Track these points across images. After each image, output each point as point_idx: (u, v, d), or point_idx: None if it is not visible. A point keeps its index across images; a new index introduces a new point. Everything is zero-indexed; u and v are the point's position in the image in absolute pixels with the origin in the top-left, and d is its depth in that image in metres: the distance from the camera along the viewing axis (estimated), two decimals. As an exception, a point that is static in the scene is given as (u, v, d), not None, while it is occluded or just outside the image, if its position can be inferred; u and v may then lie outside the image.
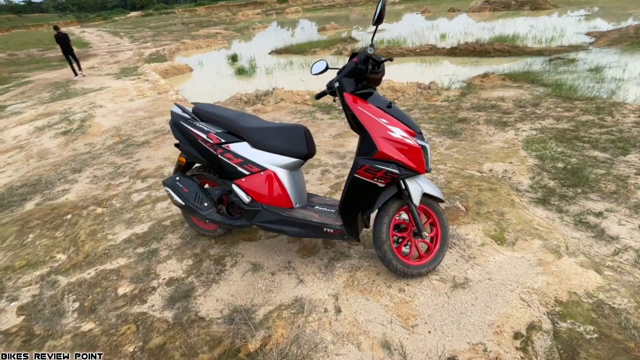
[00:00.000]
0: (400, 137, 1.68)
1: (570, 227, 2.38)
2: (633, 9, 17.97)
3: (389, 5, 38.62)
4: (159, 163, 3.71)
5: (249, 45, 19.46)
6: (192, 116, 2.11)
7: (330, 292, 1.88)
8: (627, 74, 7.12)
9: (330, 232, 1.88)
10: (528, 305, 1.71)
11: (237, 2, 62.60)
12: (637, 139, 3.61)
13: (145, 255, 2.29)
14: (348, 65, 1.78)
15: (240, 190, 1.97)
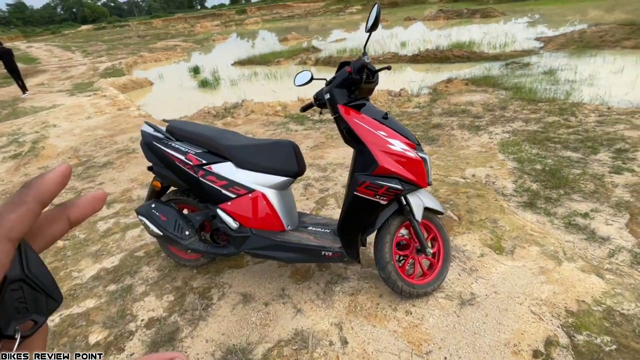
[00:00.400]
0: (400, 150, 1.57)
1: (562, 230, 2.38)
2: (571, 16, 19.30)
3: (347, 15, 39.40)
4: (125, 186, 3.41)
5: (210, 56, 19.07)
6: (166, 135, 1.90)
7: (333, 321, 1.73)
8: (578, 76, 7.53)
9: (329, 255, 1.73)
10: (540, 319, 1.64)
11: (195, 14, 61.67)
12: (603, 138, 3.75)
13: (118, 293, 2.03)
14: (339, 75, 1.66)
15: (227, 216, 1.78)
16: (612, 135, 3.82)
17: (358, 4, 43.26)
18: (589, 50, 10.07)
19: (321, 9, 45.39)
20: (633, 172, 3.01)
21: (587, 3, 23.44)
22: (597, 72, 7.76)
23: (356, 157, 1.67)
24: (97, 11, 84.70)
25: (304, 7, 50.28)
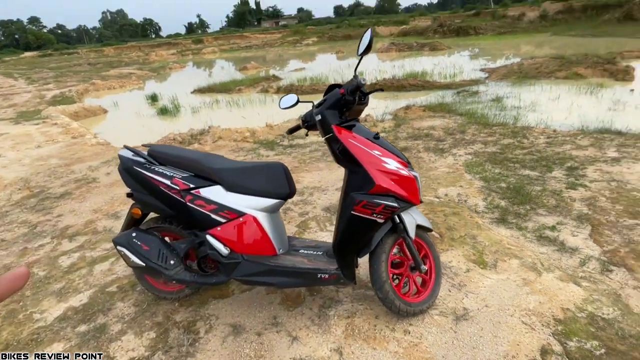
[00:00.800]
0: (395, 169, 1.61)
1: (535, 243, 2.51)
2: (506, 50, 21.15)
3: (304, 47, 40.66)
4: (88, 217, 3.17)
5: (167, 84, 18.68)
6: (148, 160, 1.81)
7: (332, 347, 1.67)
8: (522, 103, 8.21)
9: (325, 277, 1.70)
10: (532, 329, 1.70)
11: (149, 42, 60.77)
12: (554, 157, 4.08)
13: (90, 334, 1.84)
14: (331, 96, 1.69)
15: (217, 241, 1.70)
16: (562, 154, 4.17)
17: (314, 36, 44.89)
18: (527, 80, 11.07)
19: (278, 40, 46.49)
20: (586, 187, 3.28)
21: (519, 40, 25.91)
22: (538, 99, 8.51)
23: (349, 177, 1.68)
24: (42, 38, 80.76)
25: (261, 38, 51.23)
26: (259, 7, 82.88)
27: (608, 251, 2.33)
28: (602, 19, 26.48)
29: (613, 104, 7.62)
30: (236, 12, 78.97)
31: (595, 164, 3.83)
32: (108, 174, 4.24)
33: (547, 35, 25.93)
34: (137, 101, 13.31)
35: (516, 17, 31.45)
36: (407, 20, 42.80)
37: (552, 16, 29.67)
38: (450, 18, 37.36)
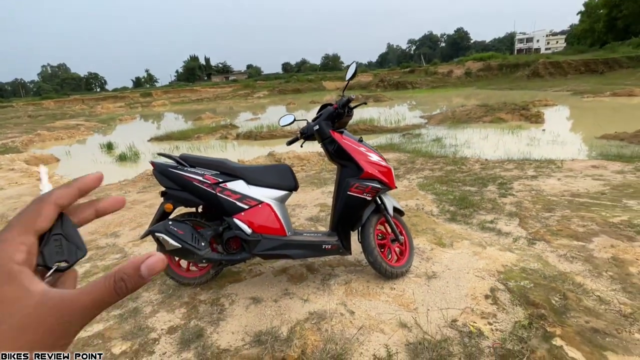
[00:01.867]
0: (377, 160, 2.20)
1: (479, 231, 3.17)
2: (440, 102, 23.80)
3: (255, 99, 42.20)
4: (87, 238, 3.35)
5: (120, 134, 18.46)
6: (181, 163, 2.24)
7: (337, 302, 2.11)
8: (458, 141, 9.49)
9: (329, 247, 2.18)
10: (482, 279, 2.27)
11: (94, 96, 59.22)
12: (488, 177, 4.96)
13: (126, 315, 2.11)
14: (325, 111, 2.28)
15: (242, 223, 2.13)
16: (494, 175, 5.07)
17: (265, 90, 46.82)
18: (460, 124, 12.69)
19: (230, 93, 47.82)
20: (513, 195, 4.10)
21: (449, 92, 29.27)
22: (471, 138, 9.87)
23: (342, 170, 2.24)
24: (-30, 91, 75.84)
25: (212, 92, 52.33)
26: (209, 63, 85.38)
27: (531, 232, 3.05)
28: (514, 76, 30.92)
29: (530, 140, 9.09)
30: (186, 67, 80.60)
31: (519, 180, 4.74)
32: (91, 205, 4.40)
33: (472, 89, 29.55)
34: (90, 150, 13.12)
35: (445, 74, 35.62)
36: (351, 76, 46.39)
37: (475, 73, 34.06)
38: (389, 74, 41.26)
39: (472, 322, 1.88)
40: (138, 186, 5.20)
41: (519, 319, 1.87)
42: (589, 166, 5.29)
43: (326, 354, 1.69)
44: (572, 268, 2.43)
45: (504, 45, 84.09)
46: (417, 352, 1.69)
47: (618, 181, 4.45)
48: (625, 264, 2.43)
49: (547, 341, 1.69)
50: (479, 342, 1.73)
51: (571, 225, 3.08)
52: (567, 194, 4.08)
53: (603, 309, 1.96)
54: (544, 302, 1.98)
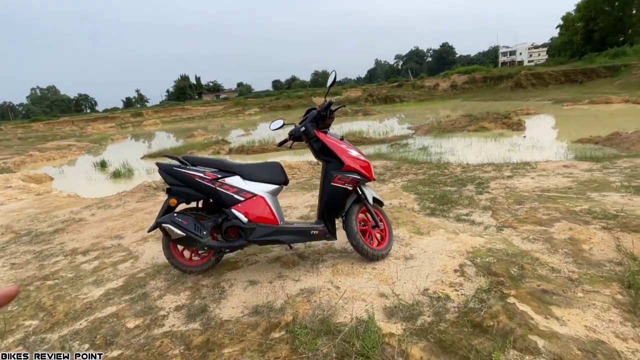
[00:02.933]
0: (356, 155, 2.52)
1: (454, 222, 3.48)
2: (427, 114, 24.45)
3: (247, 116, 42.69)
4: (92, 241, 3.59)
5: (113, 153, 18.63)
6: (183, 162, 2.52)
7: (325, 280, 2.39)
8: (443, 149, 9.91)
9: (316, 233, 2.47)
10: (453, 257, 2.57)
11: (84, 117, 59.29)
12: (467, 178, 5.30)
13: (136, 298, 2.36)
14: (311, 114, 2.61)
15: (239, 213, 2.41)
16: (472, 177, 5.42)
17: (255, 107, 47.39)
18: (446, 133, 13.17)
19: (221, 111, 48.27)
20: (488, 193, 4.44)
21: (436, 105, 30.03)
22: (455, 146, 10.30)
23: (326, 165, 2.55)
24: (-42, 115, 75.34)
25: (203, 110, 52.71)
26: (200, 82, 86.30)
27: (501, 221, 3.37)
28: (498, 87, 31.91)
29: (511, 146, 9.54)
30: (176, 87, 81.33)
31: (495, 180, 5.10)
32: (93, 214, 4.64)
33: (458, 101, 30.40)
34: (84, 168, 13.32)
35: (432, 87, 36.60)
36: (340, 91, 47.35)
37: (460, 86, 35.05)
38: (377, 89, 42.25)
39: (441, 290, 2.17)
40: (136, 196, 5.45)
41: (480, 286, 2.16)
42: (561, 166, 5.68)
43: (315, 317, 1.96)
44: (532, 247, 2.75)
45: (488, 59, 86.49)
46: (392, 313, 1.97)
47: (585, 178, 4.83)
48: (579, 242, 2.75)
49: (502, 300, 1.99)
50: (445, 304, 2.02)
51: (537, 214, 3.41)
52: (538, 189, 4.43)
53: (554, 276, 2.27)
54: (504, 272, 2.28)
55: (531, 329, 1.75)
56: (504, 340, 1.69)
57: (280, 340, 1.81)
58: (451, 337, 1.74)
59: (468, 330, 1.79)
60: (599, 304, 1.96)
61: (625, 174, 4.85)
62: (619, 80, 25.32)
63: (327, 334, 1.83)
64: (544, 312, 1.89)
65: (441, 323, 1.85)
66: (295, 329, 1.87)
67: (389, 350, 1.68)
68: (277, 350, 1.74)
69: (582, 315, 1.88)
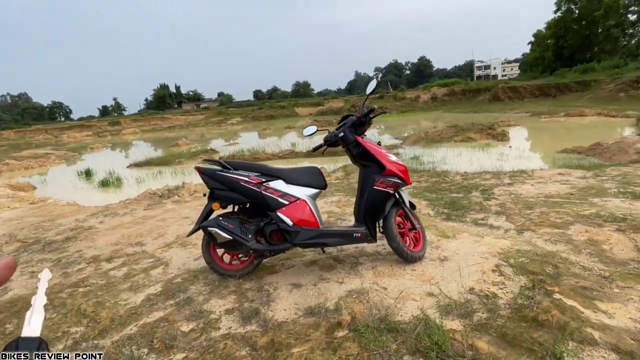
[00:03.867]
0: (396, 160, 2.61)
1: (474, 226, 3.61)
2: (409, 125, 25.02)
3: (229, 126, 42.36)
4: (111, 248, 3.51)
5: (95, 162, 18.07)
6: (225, 166, 2.54)
7: (369, 282, 2.44)
8: (435, 159, 10.18)
9: (358, 236, 2.52)
10: (487, 258, 2.67)
11: (58, 125, 57.32)
12: (471, 186, 5.49)
13: (181, 303, 2.34)
14: (349, 120, 2.68)
15: (284, 217, 2.44)
16: (475, 184, 5.62)
17: (238, 117, 47.13)
18: (434, 143, 13.52)
19: (202, 120, 47.73)
20: (496, 199, 4.61)
21: (418, 116, 30.79)
22: (446, 156, 10.60)
23: (364, 170, 2.62)
24: None
25: (184, 119, 51.95)
26: (179, 91, 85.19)
27: (518, 225, 3.51)
28: (477, 100, 33.03)
29: (500, 155, 9.90)
30: (156, 95, 79.96)
31: (498, 187, 5.30)
32: (101, 222, 4.53)
33: (439, 112, 31.22)
34: (68, 177, 12.93)
35: (413, 99, 37.50)
36: (322, 102, 47.83)
37: (441, 98, 36.08)
38: (359, 100, 42.84)
39: (487, 288, 2.26)
40: (143, 204, 5.35)
41: (523, 284, 2.27)
42: (556, 174, 5.96)
43: (374, 317, 2.00)
44: (557, 248, 2.89)
45: (464, 72, 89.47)
46: (448, 310, 2.04)
47: (582, 185, 5.09)
48: (599, 243, 2.92)
49: (549, 296, 2.09)
50: (496, 301, 2.10)
51: (550, 218, 3.58)
52: (542, 195, 4.64)
53: (587, 274, 2.40)
54: (541, 271, 2.39)
55: (584, 321, 1.86)
56: (562, 332, 1.78)
57: (347, 339, 1.85)
58: (512, 331, 1.83)
59: (525, 324, 1.88)
60: (636, 298, 2.09)
61: (618, 181, 5.14)
62: (589, 94, 26.72)
63: (391, 332, 1.88)
64: (590, 307, 2.00)
65: (497, 319, 1.93)
66: (358, 327, 1.91)
67: (457, 345, 1.75)
68: (346, 349, 1.77)
69: (625, 308, 2.00)
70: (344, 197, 5.12)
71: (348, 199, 4.99)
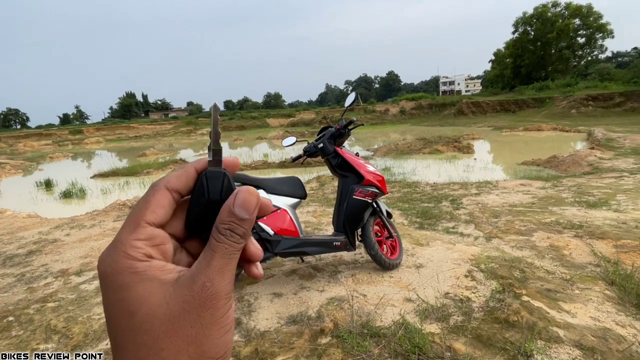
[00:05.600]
0: (373, 170, 2.70)
1: (446, 234, 3.76)
2: (380, 137, 25.64)
3: (199, 136, 41.63)
4: (80, 261, 3.36)
5: (55, 173, 17.17)
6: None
7: (349, 289, 2.49)
8: (405, 170, 10.48)
9: (338, 244, 2.58)
10: (459, 265, 2.80)
11: (12, 133, 54.06)
12: (440, 196, 5.71)
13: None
14: (327, 132, 2.76)
15: (265, 226, 2.46)
16: (444, 194, 5.84)
17: (208, 127, 46.19)
18: (404, 155, 13.90)
19: (171, 130, 46.63)
20: (464, 208, 4.83)
21: (387, 129, 31.53)
22: (415, 167, 10.92)
23: (343, 180, 2.70)
24: None
25: (151, 129, 50.52)
26: (147, 100, 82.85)
27: (487, 232, 3.70)
28: (443, 114, 34.34)
29: (465, 167, 10.32)
30: (121, 104, 77.31)
31: (466, 197, 5.54)
32: (67, 234, 4.32)
33: (407, 125, 32.19)
34: (26, 188, 12.17)
35: (382, 112, 38.44)
36: (294, 113, 48.10)
37: (409, 111, 37.23)
38: (330, 112, 43.48)
39: (461, 293, 2.37)
40: (111, 215, 5.15)
41: (494, 288, 2.40)
42: (518, 184, 6.31)
43: (355, 323, 2.05)
44: (523, 254, 3.07)
45: (430, 87, 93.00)
46: (426, 315, 2.12)
47: (542, 195, 5.42)
48: (560, 248, 3.13)
49: (518, 298, 2.23)
50: (470, 305, 2.21)
51: (515, 226, 3.80)
52: (506, 205, 4.90)
53: (551, 277, 2.57)
54: (509, 275, 2.54)
55: (550, 321, 1.99)
56: (531, 332, 1.91)
57: (330, 345, 1.88)
58: (486, 332, 1.93)
59: (498, 325, 1.99)
60: (594, 299, 2.27)
61: (574, 191, 5.52)
62: (544, 110, 28.48)
63: (373, 337, 1.93)
64: (555, 307, 2.15)
65: (472, 321, 2.04)
66: (341, 333, 1.95)
67: (436, 347, 1.83)
68: (330, 355, 1.81)
69: (585, 308, 2.17)
70: (320, 207, 5.17)
71: (324, 209, 5.05)
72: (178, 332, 0.26)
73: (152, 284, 0.26)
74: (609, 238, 3.17)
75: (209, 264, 0.27)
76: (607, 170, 7.58)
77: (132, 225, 0.28)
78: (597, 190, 5.37)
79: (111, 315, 0.26)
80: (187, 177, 0.31)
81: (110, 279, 0.26)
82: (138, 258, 0.27)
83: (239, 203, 0.29)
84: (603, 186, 5.74)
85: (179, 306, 0.26)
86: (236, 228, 0.28)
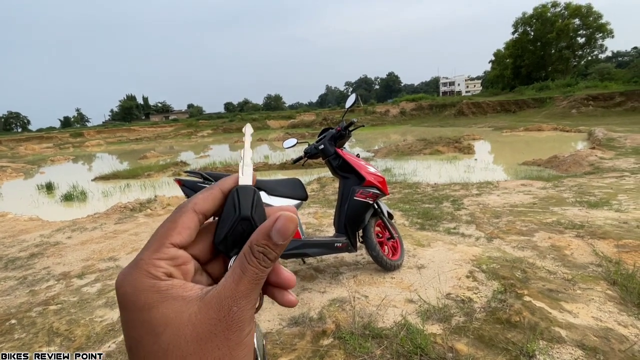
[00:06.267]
0: (374, 171, 2.70)
1: (447, 235, 3.76)
2: (379, 139, 25.65)
3: (199, 138, 41.66)
4: (82, 264, 3.36)
5: (56, 176, 17.23)
6: (206, 178, 2.54)
7: (351, 290, 2.49)
8: (405, 171, 10.48)
9: (339, 245, 2.58)
10: (460, 265, 2.80)
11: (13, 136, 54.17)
12: (441, 197, 5.71)
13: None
14: (328, 134, 2.76)
15: (267, 228, 2.46)
16: (445, 195, 5.84)
17: (208, 129, 46.47)
18: (404, 156, 13.91)
19: (171, 133, 46.69)
20: (465, 209, 4.82)
21: (388, 130, 31.56)
22: (416, 168, 10.93)
23: (344, 182, 2.70)
24: None
25: (152, 131, 50.63)
26: (147, 102, 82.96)
27: (488, 233, 3.70)
28: (443, 114, 34.35)
29: (466, 167, 10.32)
30: (122, 106, 77.44)
31: (467, 197, 5.54)
32: (69, 237, 4.33)
33: (408, 126, 32.19)
34: (27, 191, 12.21)
35: (383, 113, 38.47)
36: (294, 115, 48.11)
37: (409, 112, 37.26)
38: (331, 113, 43.53)
39: (462, 293, 2.37)
40: (113, 218, 5.16)
41: (496, 288, 2.40)
42: (519, 185, 6.31)
43: (357, 324, 2.05)
44: (524, 254, 3.07)
45: (430, 88, 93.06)
46: (427, 315, 2.12)
47: (543, 195, 5.42)
48: (561, 248, 3.12)
49: (519, 299, 2.23)
50: (472, 305, 2.21)
51: (516, 226, 3.80)
52: (507, 205, 4.90)
53: (552, 277, 2.57)
54: (511, 276, 2.54)
55: (552, 321, 1.99)
56: (533, 332, 1.91)
57: (332, 347, 1.88)
58: (488, 332, 1.93)
59: (500, 326, 1.99)
60: (596, 299, 2.27)
61: (575, 191, 5.51)
62: (545, 110, 28.47)
63: (375, 338, 1.93)
64: (557, 307, 2.15)
65: (474, 322, 2.04)
66: (343, 335, 1.95)
67: (438, 347, 1.83)
68: (332, 356, 1.81)
69: (587, 308, 2.17)
70: (320, 209, 5.18)
71: (324, 211, 5.05)
72: (206, 354, 0.25)
73: (176, 303, 0.26)
74: (610, 238, 3.16)
75: (236, 287, 0.27)
76: (608, 170, 7.58)
77: (155, 245, 0.28)
78: (598, 190, 5.37)
79: (134, 337, 0.26)
80: (214, 199, 0.31)
81: (132, 299, 0.26)
82: (160, 277, 0.26)
83: (278, 228, 0.28)
84: (604, 186, 5.74)
85: (205, 328, 0.26)
86: (269, 252, 0.28)
